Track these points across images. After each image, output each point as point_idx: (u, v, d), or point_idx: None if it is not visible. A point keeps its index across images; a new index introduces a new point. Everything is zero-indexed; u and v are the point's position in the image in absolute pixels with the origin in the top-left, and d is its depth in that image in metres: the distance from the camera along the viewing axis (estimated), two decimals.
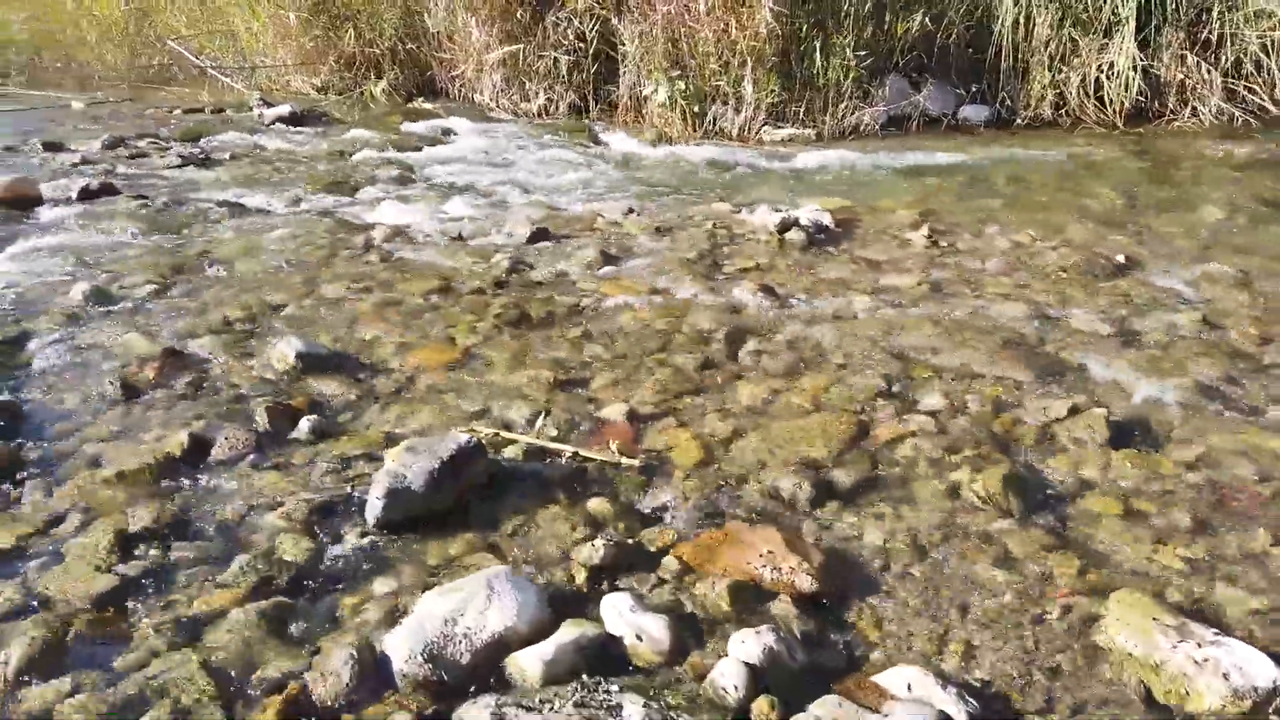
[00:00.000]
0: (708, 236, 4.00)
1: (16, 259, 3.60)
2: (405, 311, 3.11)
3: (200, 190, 4.87)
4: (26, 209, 4.39)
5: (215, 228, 4.15)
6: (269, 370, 2.61)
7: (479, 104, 7.79)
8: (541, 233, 3.96)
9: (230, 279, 3.41)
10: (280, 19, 7.84)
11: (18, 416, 2.26)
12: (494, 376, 2.60)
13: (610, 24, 7.14)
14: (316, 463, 2.10)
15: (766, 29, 6.49)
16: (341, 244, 3.85)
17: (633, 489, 2.04)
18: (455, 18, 7.33)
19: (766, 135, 6.81)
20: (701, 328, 2.94)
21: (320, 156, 5.89)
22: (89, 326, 2.92)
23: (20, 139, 6.18)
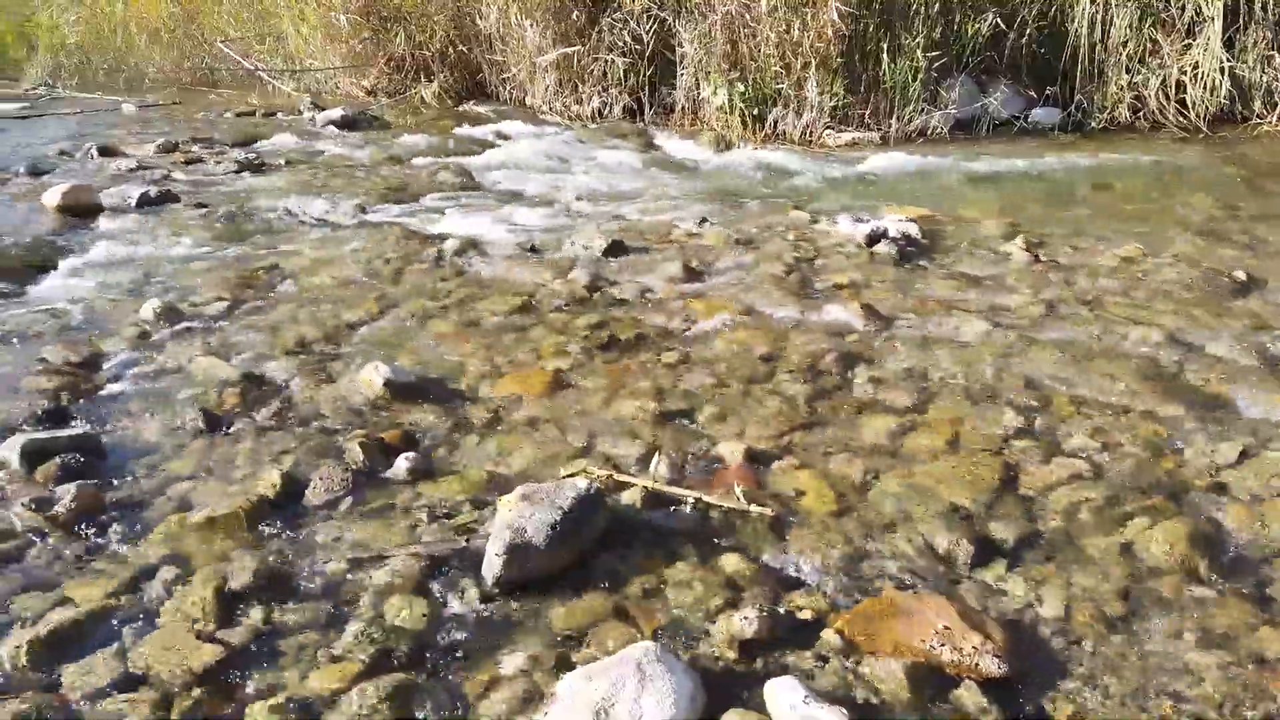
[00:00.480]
0: (792, 249, 3.79)
1: (82, 272, 3.49)
2: (487, 331, 2.94)
3: (259, 198, 4.75)
4: (87, 217, 4.30)
5: (280, 239, 4.02)
6: (355, 397, 2.45)
7: (530, 107, 7.64)
8: (618, 245, 3.78)
9: (302, 295, 3.27)
10: (330, 21, 7.75)
11: (98, 452, 2.12)
12: (592, 406, 2.42)
13: (667, 25, 6.97)
14: (419, 508, 1.93)
15: (833, 29, 6.26)
16: (412, 257, 3.70)
17: (766, 542, 1.84)
18: (509, 19, 7.19)
19: (829, 139, 6.58)
20: (806, 352, 2.73)
21: (377, 162, 5.76)
22: (162, 347, 2.78)
23: (74, 143, 6.13)
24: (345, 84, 8.14)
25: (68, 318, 3.01)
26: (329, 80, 8.22)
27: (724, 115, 6.73)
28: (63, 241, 3.92)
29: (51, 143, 6.19)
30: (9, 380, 2.51)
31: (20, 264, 3.53)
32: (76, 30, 9.05)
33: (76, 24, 9.11)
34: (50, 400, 2.38)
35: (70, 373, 2.57)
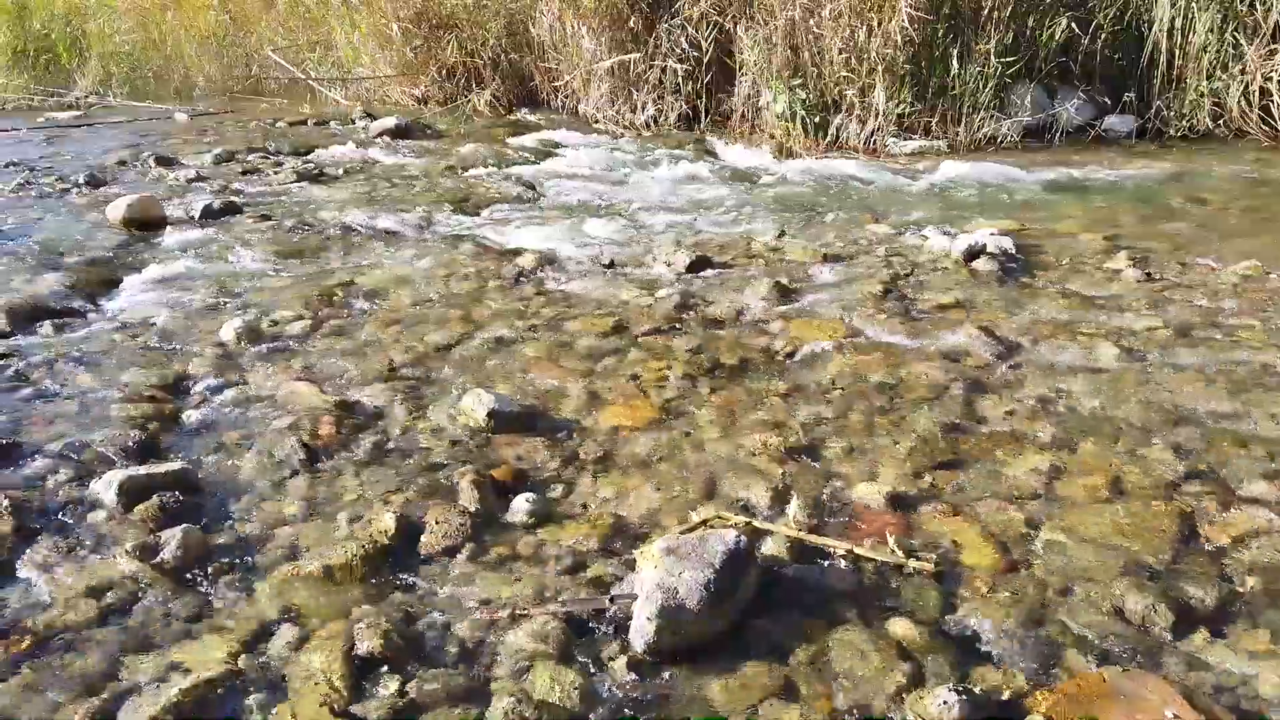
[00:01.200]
0: (885, 265, 3.61)
1: (156, 288, 3.39)
2: (580, 355, 2.78)
3: (322, 209, 4.66)
4: (151, 230, 4.23)
5: (350, 253, 3.91)
6: (456, 427, 2.30)
7: (582, 115, 7.52)
8: (702, 261, 3.61)
9: (383, 314, 3.14)
10: (382, 29, 7.69)
11: (195, 488, 1.99)
12: (707, 441, 2.25)
13: (727, 31, 6.81)
14: (545, 557, 1.77)
15: (902, 34, 6.06)
16: (489, 273, 3.56)
17: (933, 603, 1.66)
18: (563, 26, 7.07)
19: (894, 148, 6.38)
20: (927, 380, 2.55)
21: (435, 173, 5.66)
22: (247, 371, 2.66)
23: (130, 153, 6.10)
24: (395, 92, 8.07)
25: (145, 338, 2.91)
26: (379, 88, 8.16)
27: (784, 123, 6.56)
28: (130, 256, 3.84)
29: (107, 152, 6.17)
30: (95, 408, 2.39)
31: (90, 280, 3.44)
32: (127, 39, 9.08)
33: (128, 32, 9.14)
34: (138, 429, 2.26)
35: (155, 399, 2.46)
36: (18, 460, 2.09)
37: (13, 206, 4.60)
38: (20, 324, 2.98)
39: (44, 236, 4.06)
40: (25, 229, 4.18)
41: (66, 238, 4.05)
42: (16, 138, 6.80)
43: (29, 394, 2.47)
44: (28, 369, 2.64)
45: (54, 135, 6.96)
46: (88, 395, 2.47)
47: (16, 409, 2.38)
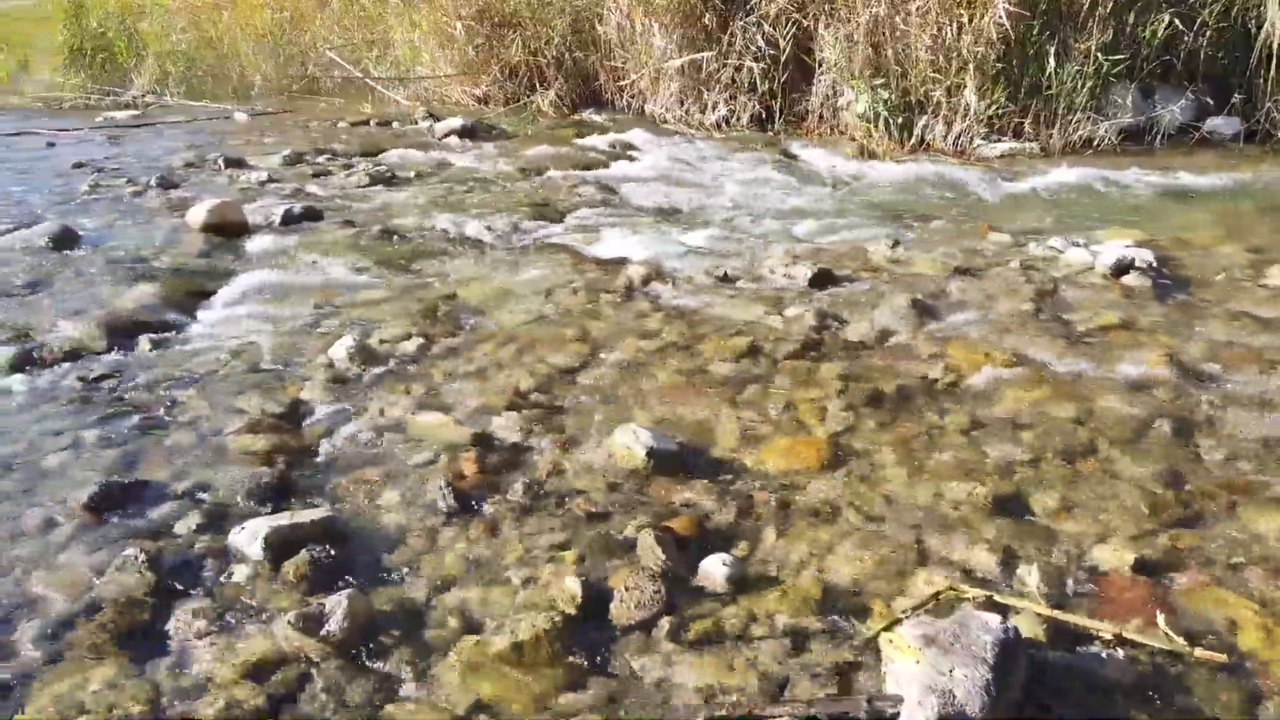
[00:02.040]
0: (1023, 279, 3.33)
1: (250, 300, 3.20)
2: (719, 382, 2.55)
3: (403, 215, 4.46)
4: (233, 236, 4.05)
5: (443, 262, 3.71)
6: (608, 466, 2.08)
7: (649, 115, 7.28)
8: (825, 275, 3.36)
9: (496, 332, 2.92)
10: (443, 28, 7.50)
11: (342, 539, 1.78)
12: (895, 488, 2.01)
13: (804, 28, 6.54)
14: (756, 634, 1.54)
15: (997, 31, 5.76)
16: (597, 286, 3.34)
17: (1235, 705, 1.41)
18: (633, 24, 6.84)
19: (983, 150, 6.08)
20: (1120, 414, 2.28)
21: (509, 176, 5.45)
22: (366, 396, 2.46)
23: (196, 153, 5.96)
24: (455, 91, 7.89)
25: (250, 357, 2.71)
26: (438, 88, 7.98)
27: (865, 124, 6.28)
28: (216, 264, 3.66)
29: (171, 152, 6.03)
30: (212, 439, 2.20)
31: (181, 291, 3.27)
32: (183, 38, 8.98)
33: (183, 31, 9.04)
34: (265, 465, 2.06)
35: (274, 428, 2.26)
36: (143, 503, 1.90)
37: (88, 210, 4.45)
38: (117, 339, 2.80)
39: (125, 242, 3.90)
40: (105, 234, 4.02)
41: (148, 244, 3.88)
42: (79, 137, 6.69)
43: (140, 423, 2.28)
44: (133, 392, 2.46)
45: (115, 135, 6.85)
46: (202, 424, 2.28)
47: (130, 440, 2.20)
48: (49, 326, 2.89)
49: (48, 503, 1.91)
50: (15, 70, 9.32)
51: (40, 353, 2.66)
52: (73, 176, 5.25)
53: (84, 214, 4.37)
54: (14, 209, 4.49)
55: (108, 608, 1.56)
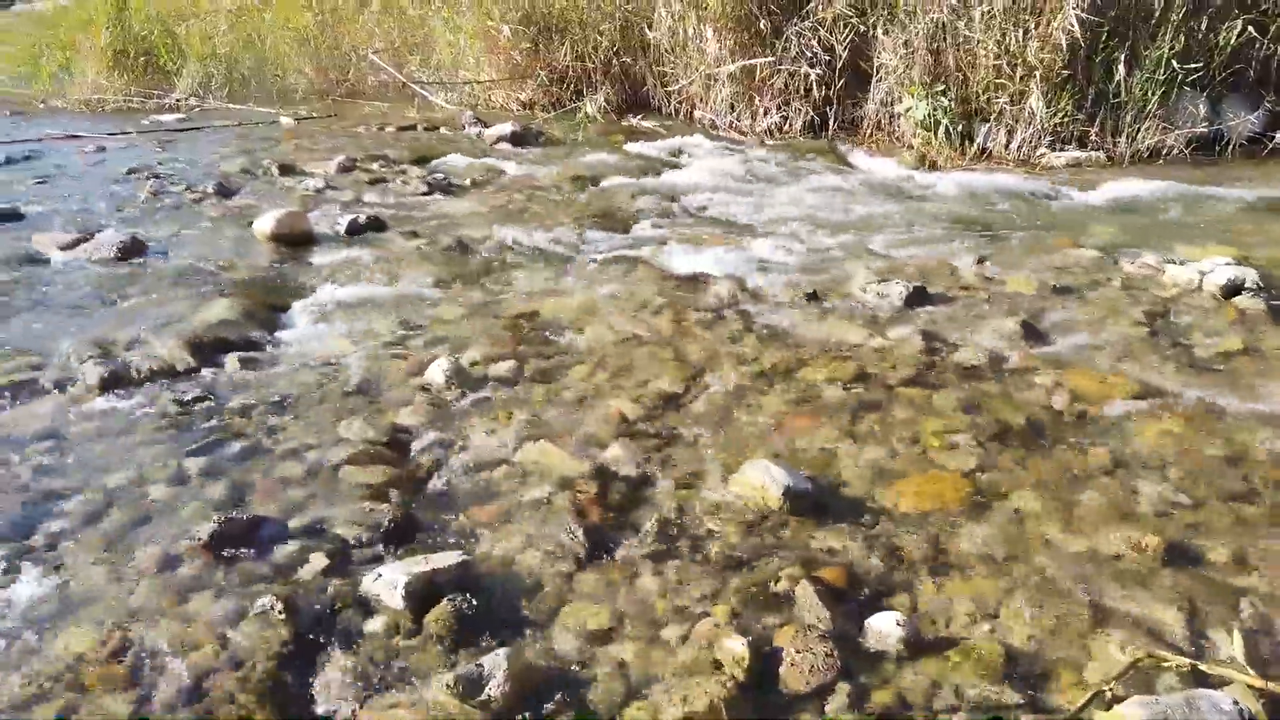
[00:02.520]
0: (1128, 299, 3.20)
1: (330, 316, 3.12)
2: (834, 410, 2.44)
3: (467, 225, 4.38)
4: (300, 246, 3.98)
5: (517, 276, 3.61)
6: (739, 506, 1.97)
7: (699, 121, 7.18)
8: (920, 293, 3.24)
9: (587, 353, 2.83)
10: (490, 32, 7.42)
11: (478, 586, 1.68)
12: (1050, 533, 1.89)
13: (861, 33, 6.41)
14: (941, 705, 1.43)
15: (1066, 37, 5.61)
16: (682, 304, 3.24)
17: None
18: (685, 29, 6.73)
19: (1048, 159, 5.93)
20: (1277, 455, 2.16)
21: (564, 183, 5.35)
22: (468, 422, 2.36)
23: (248, 159, 5.90)
24: (500, 96, 7.81)
25: (342, 378, 2.63)
26: (483, 92, 7.91)
27: (924, 131, 6.14)
28: (290, 277, 3.58)
29: (223, 158, 5.98)
30: (321, 471, 2.11)
31: (260, 306, 3.19)
32: (225, 40, 8.95)
33: (226, 33, 9.01)
34: (382, 502, 1.97)
35: (382, 457, 2.17)
36: (263, 542, 1.81)
37: (151, 218, 4.39)
38: (204, 357, 2.72)
39: (193, 253, 3.83)
40: (172, 244, 3.96)
41: (217, 255, 3.81)
42: (129, 141, 6.65)
43: (242, 450, 2.20)
44: (229, 416, 2.38)
45: (163, 139, 6.81)
46: (307, 452, 2.19)
47: (235, 470, 2.11)
48: (131, 343, 2.82)
49: (163, 540, 1.83)
50: (57, 73, 9.31)
51: (128, 372, 2.58)
52: (129, 183, 5.20)
53: (147, 222, 4.32)
54: (76, 216, 4.43)
55: (248, 664, 1.48)
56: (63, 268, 3.61)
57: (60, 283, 3.44)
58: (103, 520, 1.92)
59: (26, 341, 2.85)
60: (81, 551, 1.80)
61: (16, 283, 3.42)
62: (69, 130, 7.28)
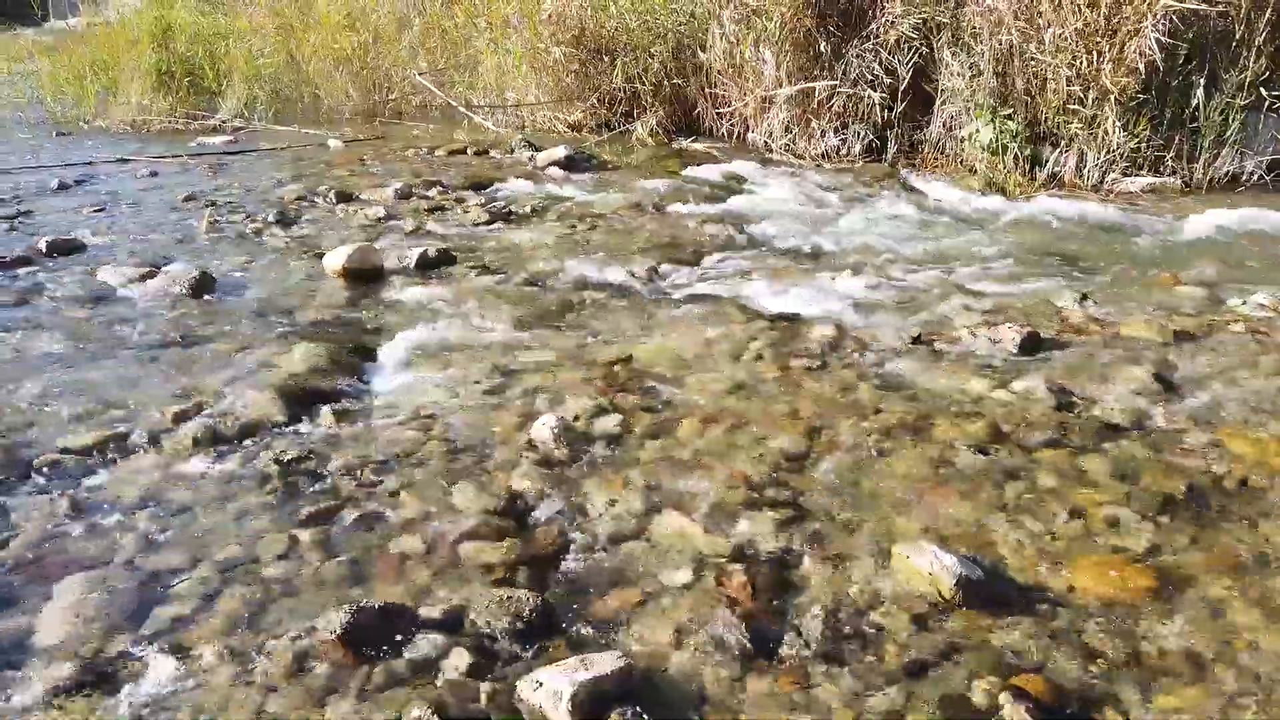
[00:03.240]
0: (1257, 346, 3.02)
1: (418, 363, 2.98)
2: (973, 479, 2.27)
3: (535, 259, 4.25)
4: (373, 282, 3.87)
5: (601, 317, 3.48)
6: (902, 593, 1.81)
7: (751, 144, 7.04)
8: (1034, 339, 3.07)
9: (694, 407, 2.67)
10: (540, 54, 7.33)
11: (640, 694, 1.53)
12: (1252, 631, 1.71)
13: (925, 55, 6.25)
14: None
15: (1144, 60, 5.43)
16: (783, 349, 3.08)
17: None
18: (741, 51, 6.61)
19: (1121, 185, 5.74)
20: None
21: (626, 211, 5.22)
22: (585, 488, 2.22)
23: (303, 185, 5.81)
24: (547, 118, 7.71)
25: (444, 434, 2.49)
26: (529, 114, 7.82)
27: (990, 156, 5.97)
28: (367, 317, 3.46)
29: (277, 184, 5.89)
30: (443, 546, 1.97)
31: (344, 351, 3.06)
32: (269, 61, 8.92)
33: (270, 55, 8.99)
34: (506, 580, 1.83)
35: (502, 531, 2.03)
36: (398, 636, 1.67)
37: (215, 250, 4.30)
38: (296, 409, 2.60)
39: (265, 289, 3.73)
40: (241, 280, 3.86)
41: (288, 291, 3.71)
42: (180, 165, 6.60)
43: (355, 521, 2.07)
44: (334, 478, 2.25)
45: (214, 162, 6.76)
46: (424, 524, 2.06)
47: (352, 545, 1.98)
48: (219, 393, 2.70)
49: (290, 629, 1.69)
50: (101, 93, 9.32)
51: (221, 427, 2.46)
52: (187, 210, 5.13)
53: (212, 255, 4.22)
54: (138, 246, 4.35)
55: None
56: (134, 304, 3.51)
57: (134, 321, 3.34)
58: (220, 603, 1.79)
59: (109, 389, 2.74)
60: (203, 642, 1.67)
61: (90, 321, 3.33)
62: (119, 153, 7.26)
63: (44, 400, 2.65)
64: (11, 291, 3.62)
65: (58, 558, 1.92)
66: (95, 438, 2.41)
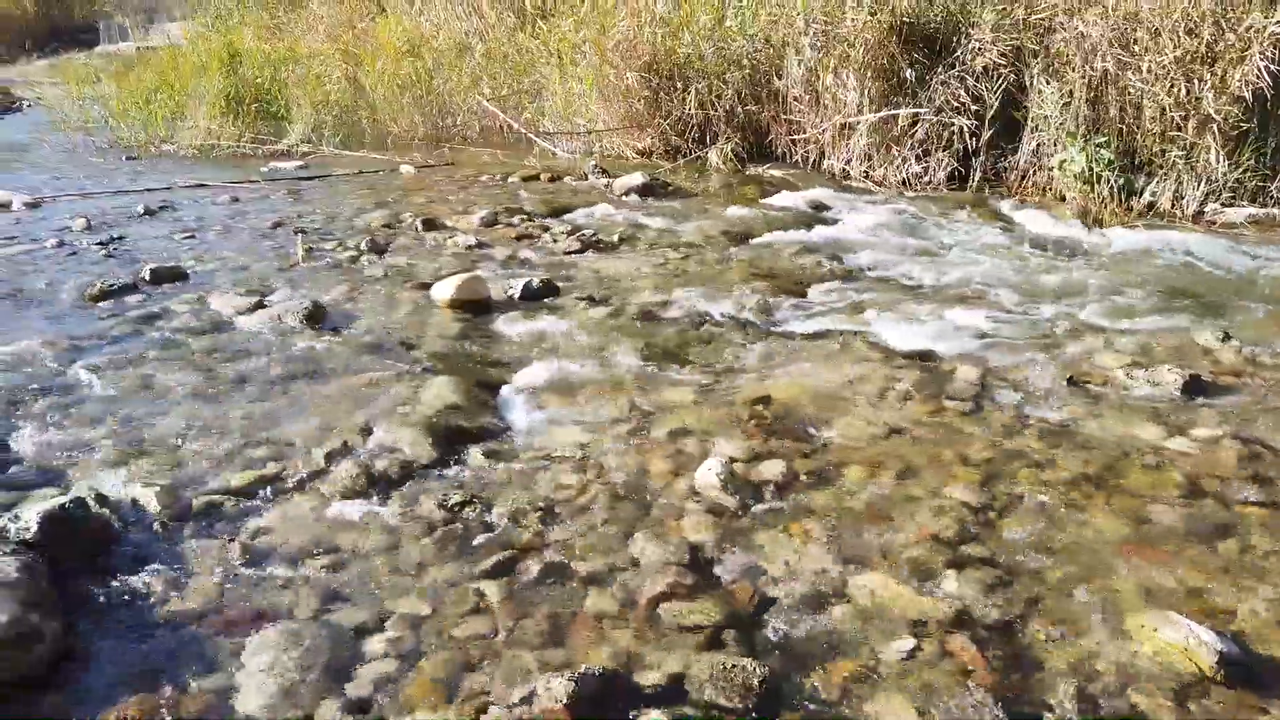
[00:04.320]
0: None
1: (555, 400, 2.89)
2: (1179, 538, 2.12)
3: (636, 289, 4.16)
4: (481, 313, 3.81)
5: (726, 352, 3.38)
6: (1153, 669, 1.68)
7: (827, 170, 6.96)
8: (1195, 381, 2.93)
9: (852, 451, 2.55)
10: (612, 79, 7.32)
11: None
12: None
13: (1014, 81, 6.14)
14: None
15: (1251, 87, 5.28)
16: (927, 389, 2.96)
17: None
18: (821, 77, 6.54)
19: (1223, 216, 5.57)
20: None
21: (714, 240, 5.14)
22: (762, 540, 2.10)
23: (386, 212, 5.80)
24: (617, 144, 7.68)
25: (597, 476, 2.39)
26: (597, 140, 7.80)
27: (1083, 185, 5.83)
28: (485, 350, 3.39)
29: (361, 210, 5.89)
30: (639, 605, 1.86)
31: (473, 385, 2.99)
32: (337, 87, 9.01)
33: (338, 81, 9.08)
34: (712, 644, 1.72)
35: (697, 589, 1.92)
36: (622, 705, 1.56)
37: (316, 280, 4.26)
38: (444, 449, 2.52)
39: (376, 320, 3.67)
40: (351, 310, 3.80)
41: (400, 323, 3.65)
42: (259, 191, 6.64)
43: (539, 575, 1.96)
44: (502, 525, 2.15)
45: (291, 188, 6.78)
46: (610, 580, 1.95)
47: (541, 600, 1.88)
48: (362, 429, 2.63)
49: (507, 699, 1.59)
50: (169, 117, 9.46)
51: (375, 468, 2.39)
52: (277, 237, 5.12)
53: (314, 284, 4.19)
54: (239, 275, 4.34)
55: None
56: (252, 335, 3.47)
57: (256, 353, 3.29)
58: (422, 664, 1.69)
59: (250, 426, 2.68)
60: (417, 709, 1.57)
61: (212, 353, 3.28)
62: (192, 177, 7.33)
63: (187, 436, 2.60)
64: (128, 321, 3.61)
65: (240, 609, 1.84)
66: (250, 478, 2.34)
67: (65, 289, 4.07)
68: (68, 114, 10.38)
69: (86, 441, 2.54)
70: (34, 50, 28.46)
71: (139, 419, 2.70)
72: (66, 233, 5.30)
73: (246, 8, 14.81)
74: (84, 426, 2.64)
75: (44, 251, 4.85)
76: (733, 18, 7.12)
